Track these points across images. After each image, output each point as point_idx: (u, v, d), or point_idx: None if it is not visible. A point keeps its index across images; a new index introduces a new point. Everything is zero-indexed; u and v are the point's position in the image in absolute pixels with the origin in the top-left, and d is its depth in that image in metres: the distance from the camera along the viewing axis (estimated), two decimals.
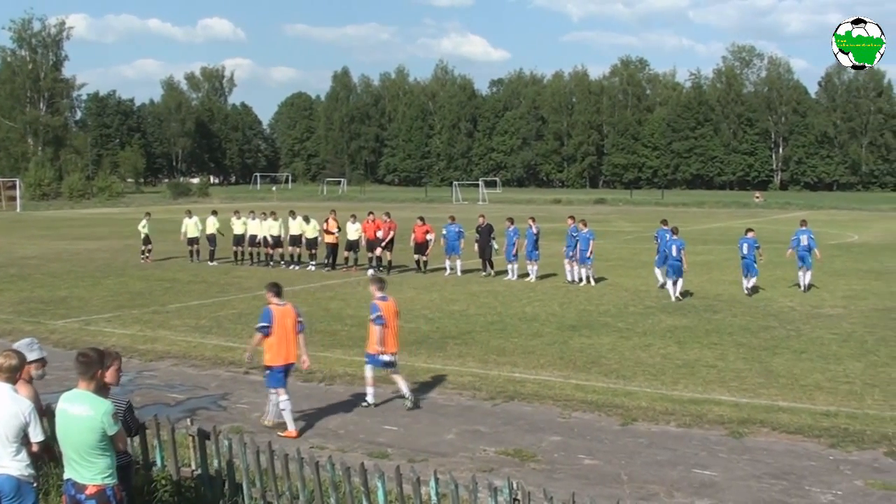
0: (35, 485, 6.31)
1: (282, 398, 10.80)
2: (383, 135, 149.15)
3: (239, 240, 29.98)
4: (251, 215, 30.12)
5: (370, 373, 12.03)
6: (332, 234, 28.08)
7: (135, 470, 7.52)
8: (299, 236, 28.77)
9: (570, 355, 15.11)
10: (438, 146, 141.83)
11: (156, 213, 40.41)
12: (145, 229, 30.56)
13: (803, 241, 23.15)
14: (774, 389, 12.74)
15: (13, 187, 75.61)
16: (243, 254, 30.02)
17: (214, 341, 16.42)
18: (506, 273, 25.72)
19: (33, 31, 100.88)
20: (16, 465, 6.09)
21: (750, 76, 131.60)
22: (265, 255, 29.66)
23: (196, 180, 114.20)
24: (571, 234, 24.74)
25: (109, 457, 5.95)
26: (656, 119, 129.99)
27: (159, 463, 8.18)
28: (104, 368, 6.15)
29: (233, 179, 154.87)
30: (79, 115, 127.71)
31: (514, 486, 6.31)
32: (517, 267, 25.47)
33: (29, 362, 6.61)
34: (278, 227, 29.11)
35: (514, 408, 11.97)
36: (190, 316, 19.33)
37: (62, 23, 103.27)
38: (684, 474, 9.38)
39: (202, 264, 29.38)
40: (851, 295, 22.19)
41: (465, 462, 9.73)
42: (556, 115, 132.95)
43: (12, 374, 6.22)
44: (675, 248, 21.46)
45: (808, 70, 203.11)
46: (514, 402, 12.21)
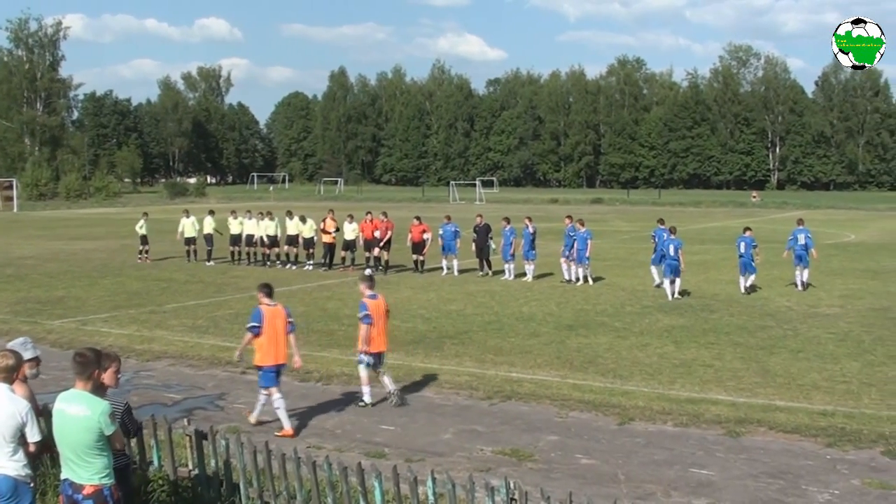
0: (32, 485, 6.31)
1: (274, 397, 10.82)
2: (380, 134, 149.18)
3: (236, 240, 29.95)
4: (248, 215, 30.09)
5: (364, 372, 12.04)
6: (329, 233, 28.09)
7: (132, 471, 7.51)
8: (296, 236, 28.77)
9: (568, 355, 15.12)
10: (435, 146, 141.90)
11: (153, 213, 40.38)
12: (143, 229, 30.55)
13: (801, 239, 23.20)
14: (771, 389, 12.76)
15: (10, 187, 75.51)
16: (240, 254, 30.00)
17: (211, 341, 16.41)
18: (503, 273, 25.74)
19: (30, 31, 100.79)
20: (13, 466, 6.09)
21: (747, 76, 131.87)
22: (262, 255, 29.67)
23: (193, 180, 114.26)
24: (569, 233, 24.77)
25: (106, 457, 5.95)
26: (653, 119, 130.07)
27: (156, 463, 8.18)
28: (101, 369, 6.13)
29: (230, 179, 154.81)
30: (75, 115, 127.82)
31: (512, 485, 6.31)
32: (514, 267, 25.48)
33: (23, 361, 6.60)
34: (275, 227, 29.11)
35: (511, 407, 11.98)
36: (187, 316, 19.32)
37: (59, 23, 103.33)
38: (681, 474, 9.39)
39: (199, 264, 29.35)
40: (848, 294, 22.22)
41: (462, 462, 9.73)
42: (553, 114, 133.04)
43: (9, 374, 6.22)
44: (672, 248, 21.49)
45: (805, 69, 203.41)
46: (511, 402, 12.21)
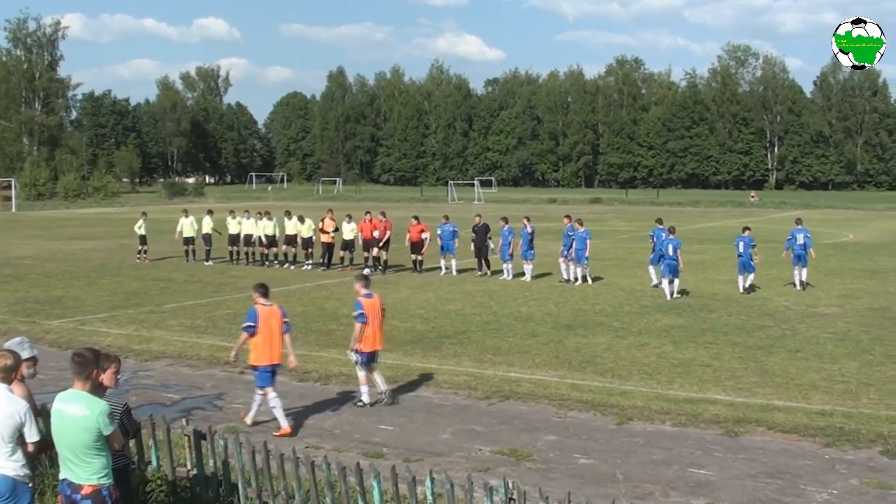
0: (31, 485, 6.30)
1: (270, 396, 10.83)
2: (379, 134, 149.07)
3: (234, 239, 29.94)
4: (246, 215, 30.08)
5: (362, 372, 12.05)
6: (327, 233, 28.08)
7: (131, 471, 7.50)
8: (294, 236, 28.76)
9: (566, 355, 15.12)
10: (434, 146, 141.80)
11: (151, 212, 40.32)
12: (141, 229, 30.52)
13: (800, 239, 23.22)
14: (770, 389, 12.76)
15: (8, 187, 75.39)
16: (238, 254, 29.98)
17: (210, 341, 16.40)
18: (501, 272, 25.74)
19: (29, 31, 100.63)
20: (11, 466, 6.08)
21: (745, 75, 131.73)
22: (260, 254, 29.68)
23: (191, 180, 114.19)
24: (567, 233, 24.77)
25: (105, 457, 5.94)
26: (651, 118, 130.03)
27: (155, 463, 8.18)
28: (100, 369, 6.13)
29: (228, 179, 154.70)
30: (74, 114, 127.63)
31: (510, 485, 6.30)
32: (512, 266, 25.49)
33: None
34: (273, 227, 29.11)
35: (510, 407, 11.98)
36: (185, 316, 19.30)
37: (57, 22, 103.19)
38: (680, 473, 9.39)
39: (198, 264, 29.33)
40: (847, 294, 22.23)
41: (461, 461, 9.73)
42: (552, 114, 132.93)
43: (8, 374, 6.21)
44: (671, 248, 21.50)
45: (804, 69, 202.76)
46: (510, 402, 12.21)
